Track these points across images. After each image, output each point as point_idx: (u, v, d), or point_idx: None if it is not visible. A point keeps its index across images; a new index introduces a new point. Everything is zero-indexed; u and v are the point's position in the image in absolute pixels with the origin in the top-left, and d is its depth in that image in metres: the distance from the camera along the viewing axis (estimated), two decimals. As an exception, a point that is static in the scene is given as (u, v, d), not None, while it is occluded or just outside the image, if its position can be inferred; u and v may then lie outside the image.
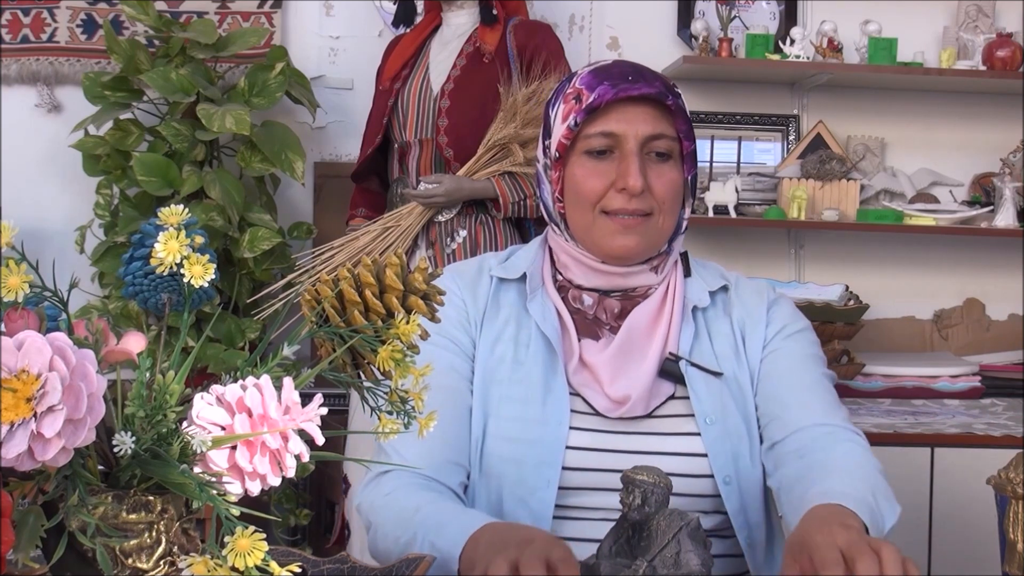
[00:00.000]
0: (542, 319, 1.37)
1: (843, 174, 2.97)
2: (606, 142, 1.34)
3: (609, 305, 1.38)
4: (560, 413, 1.32)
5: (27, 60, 2.99)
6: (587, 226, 1.36)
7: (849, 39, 2.96)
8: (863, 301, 2.91)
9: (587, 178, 1.35)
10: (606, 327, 1.38)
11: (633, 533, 1.00)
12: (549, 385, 1.34)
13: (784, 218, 2.92)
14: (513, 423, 1.33)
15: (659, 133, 1.34)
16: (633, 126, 1.33)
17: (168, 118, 2.72)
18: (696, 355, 1.37)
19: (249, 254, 2.68)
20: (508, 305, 1.40)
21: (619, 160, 1.34)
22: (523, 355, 1.36)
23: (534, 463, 1.31)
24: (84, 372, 0.75)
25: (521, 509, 1.32)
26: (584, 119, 1.33)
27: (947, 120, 3.16)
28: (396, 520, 1.26)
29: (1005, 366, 3.02)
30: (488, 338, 1.38)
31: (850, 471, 1.25)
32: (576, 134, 1.35)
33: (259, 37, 2.89)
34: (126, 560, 0.82)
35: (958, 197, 3.12)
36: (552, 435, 1.32)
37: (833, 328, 2.81)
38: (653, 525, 0.98)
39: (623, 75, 1.34)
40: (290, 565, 0.76)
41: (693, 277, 1.43)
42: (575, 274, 1.39)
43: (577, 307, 1.39)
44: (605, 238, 1.35)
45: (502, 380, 1.36)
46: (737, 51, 2.94)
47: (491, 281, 1.42)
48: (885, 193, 3.12)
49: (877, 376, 2.85)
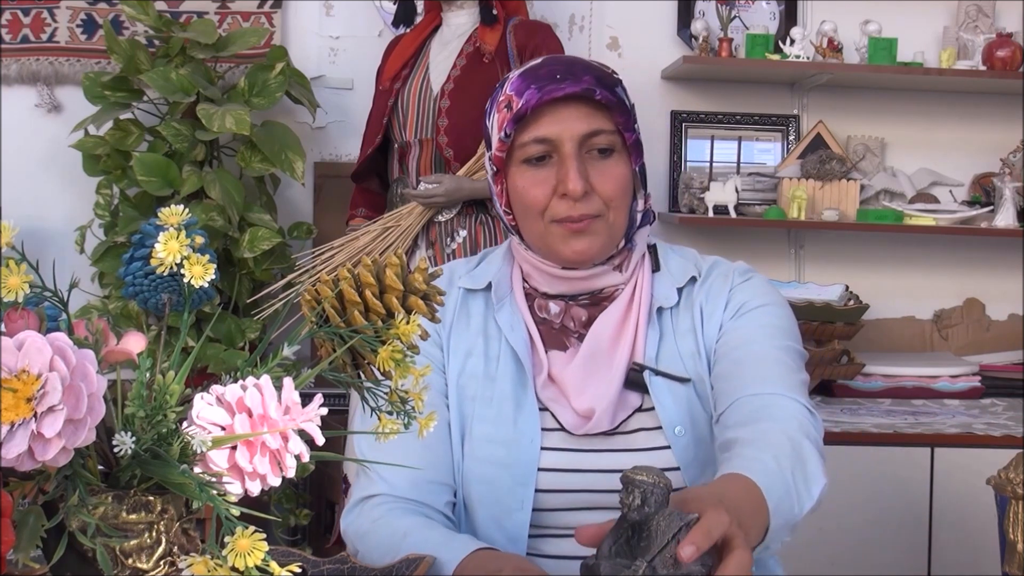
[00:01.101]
0: (510, 330, 1.34)
1: (843, 174, 2.97)
2: (542, 148, 1.28)
3: (576, 313, 1.34)
4: (531, 432, 1.30)
5: (27, 60, 2.99)
6: (540, 235, 1.31)
7: (849, 39, 2.96)
8: (863, 301, 2.91)
9: (528, 188, 1.29)
10: (574, 335, 1.34)
11: (633, 533, 1.00)
12: (519, 402, 1.31)
13: (784, 218, 2.92)
14: (485, 444, 1.31)
15: (595, 130, 1.28)
16: (566, 127, 1.27)
17: (168, 118, 2.72)
18: (663, 360, 1.32)
19: (249, 254, 2.68)
20: (477, 316, 1.37)
21: (558, 164, 1.28)
22: (493, 370, 1.33)
23: (508, 485, 1.29)
24: (84, 372, 0.75)
25: (496, 531, 1.30)
26: (516, 127, 1.28)
27: (947, 120, 3.16)
28: (386, 546, 1.24)
29: (1005, 366, 3.02)
30: (459, 352, 1.35)
31: (776, 444, 1.15)
32: (511, 144, 1.29)
33: (259, 37, 2.89)
34: (126, 560, 0.82)
35: (958, 197, 3.12)
36: (524, 457, 1.29)
37: (833, 328, 2.81)
38: (653, 525, 0.98)
39: (551, 75, 1.28)
40: (290, 565, 0.76)
41: (662, 272, 1.37)
42: (539, 282, 1.36)
43: (544, 316, 1.35)
44: (558, 245, 1.30)
45: (474, 397, 1.33)
46: (737, 51, 2.94)
47: (459, 292, 1.38)
48: (885, 193, 3.12)
49: (877, 376, 2.85)
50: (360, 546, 1.29)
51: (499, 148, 1.30)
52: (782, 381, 1.25)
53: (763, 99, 3.13)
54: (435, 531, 1.25)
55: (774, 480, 1.08)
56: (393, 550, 1.22)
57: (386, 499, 1.30)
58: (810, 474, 1.15)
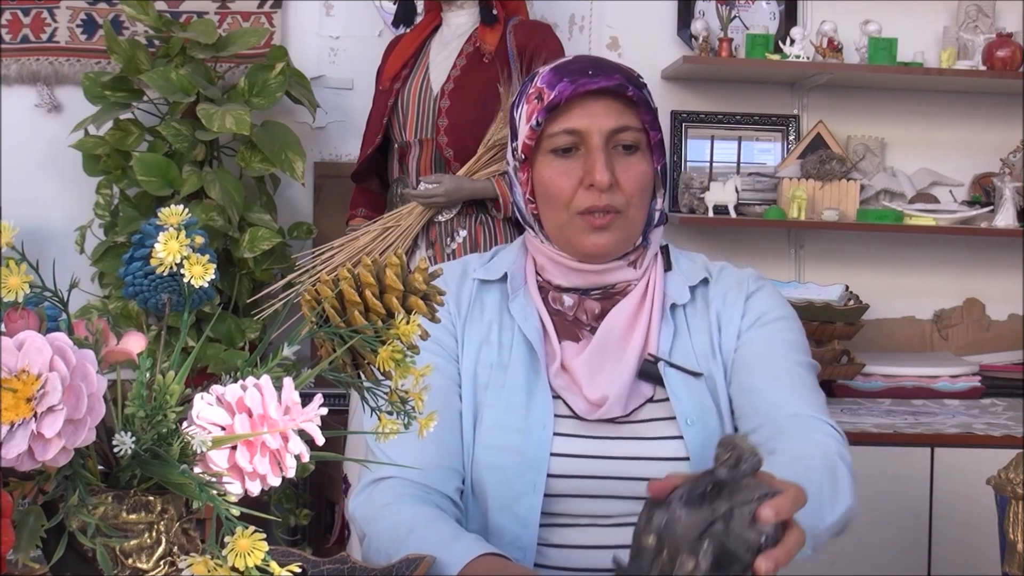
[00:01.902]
0: (523, 320, 1.36)
1: (843, 174, 2.97)
2: (570, 139, 1.32)
3: (589, 306, 1.37)
4: (544, 418, 1.32)
5: (27, 60, 2.99)
6: (561, 226, 1.35)
7: (849, 39, 2.96)
8: (863, 301, 2.91)
9: (555, 178, 1.33)
10: (586, 328, 1.37)
11: (712, 488, 0.98)
12: (532, 389, 1.33)
13: (784, 218, 2.92)
14: (497, 430, 1.32)
15: (623, 126, 1.32)
16: (596, 121, 1.31)
17: (168, 118, 2.72)
18: (676, 355, 1.35)
19: (249, 254, 2.68)
20: (491, 306, 1.39)
21: (585, 156, 1.32)
22: (506, 358, 1.35)
23: (519, 470, 1.30)
24: (84, 372, 0.75)
25: (508, 517, 1.31)
26: (546, 118, 1.32)
27: (947, 120, 3.16)
28: (390, 538, 1.25)
29: (1005, 366, 3.02)
30: (473, 341, 1.37)
31: (808, 456, 1.20)
32: (540, 134, 1.33)
33: (259, 37, 2.89)
34: (126, 560, 0.82)
35: (958, 197, 3.12)
36: (536, 442, 1.31)
37: (833, 328, 2.81)
38: (738, 486, 0.98)
39: (582, 70, 1.32)
40: (290, 565, 0.76)
41: (674, 272, 1.41)
42: (553, 274, 1.39)
43: (557, 308, 1.38)
44: (578, 237, 1.34)
45: (487, 385, 1.35)
46: (737, 51, 2.94)
47: (474, 283, 1.41)
48: (885, 193, 3.12)
49: (877, 376, 2.85)
50: (367, 530, 1.29)
51: (528, 136, 1.34)
52: (811, 403, 1.30)
53: (763, 99, 3.13)
54: (441, 527, 1.25)
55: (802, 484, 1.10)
56: (397, 543, 1.22)
57: (396, 482, 1.30)
58: (840, 491, 1.19)
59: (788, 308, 1.42)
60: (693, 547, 0.91)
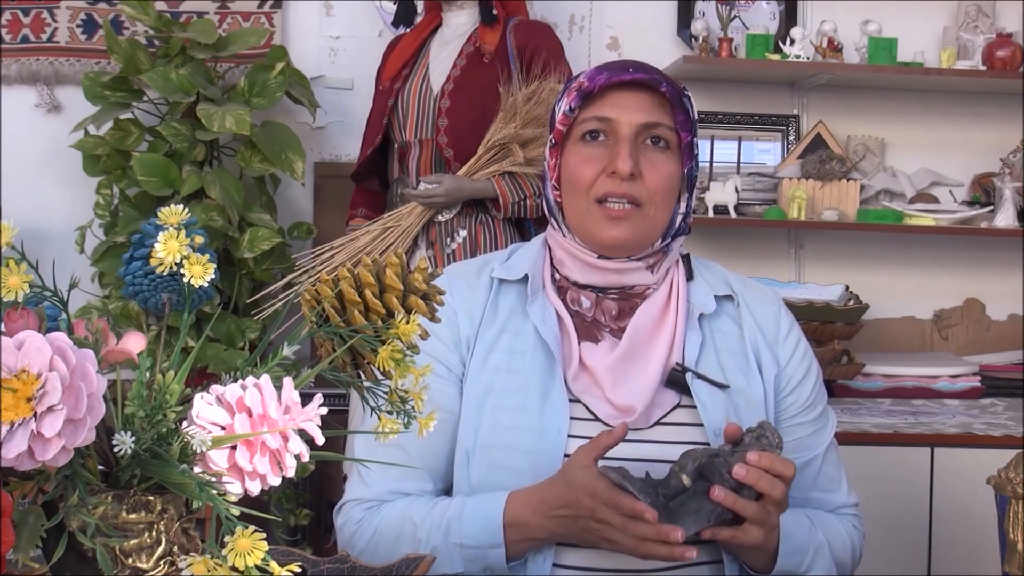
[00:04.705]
0: (541, 322, 1.35)
1: (843, 174, 2.97)
2: (599, 125, 1.34)
3: (607, 306, 1.37)
4: (559, 421, 1.30)
5: (27, 60, 2.99)
6: (581, 214, 1.35)
7: (849, 39, 2.96)
8: (863, 301, 2.91)
9: (579, 164, 1.35)
10: (605, 329, 1.36)
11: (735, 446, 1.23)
12: (547, 391, 1.32)
13: (784, 218, 2.91)
14: (508, 432, 1.31)
15: (654, 121, 1.34)
16: (627, 112, 1.33)
17: (168, 118, 2.72)
18: (703, 365, 1.35)
19: (249, 254, 2.68)
20: (506, 309, 1.38)
21: (611, 146, 1.34)
22: (519, 363, 1.34)
23: (533, 471, 1.28)
24: (84, 372, 0.75)
25: None
26: (580, 104, 1.34)
27: (947, 120, 3.16)
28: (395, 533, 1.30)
29: (1005, 366, 3.02)
30: (482, 347, 1.36)
31: (822, 524, 1.38)
32: (573, 120, 1.35)
33: (259, 37, 2.89)
34: (126, 560, 0.82)
35: (958, 197, 3.12)
36: (551, 445, 1.29)
37: (833, 328, 2.81)
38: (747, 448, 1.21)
39: (623, 66, 1.36)
40: (290, 565, 0.76)
41: (697, 280, 1.41)
42: (571, 270, 1.38)
43: (576, 309, 1.37)
44: (596, 226, 1.34)
45: (496, 390, 1.33)
46: (737, 51, 2.94)
47: (492, 283, 1.40)
48: (885, 193, 3.12)
49: (877, 376, 2.85)
50: (356, 546, 1.32)
51: (561, 122, 1.36)
52: (842, 488, 1.44)
53: (763, 99, 3.13)
54: (444, 502, 1.31)
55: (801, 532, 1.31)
56: (396, 528, 1.28)
57: (364, 503, 1.35)
58: (835, 564, 1.36)
59: (798, 326, 1.46)
60: (682, 466, 1.20)
